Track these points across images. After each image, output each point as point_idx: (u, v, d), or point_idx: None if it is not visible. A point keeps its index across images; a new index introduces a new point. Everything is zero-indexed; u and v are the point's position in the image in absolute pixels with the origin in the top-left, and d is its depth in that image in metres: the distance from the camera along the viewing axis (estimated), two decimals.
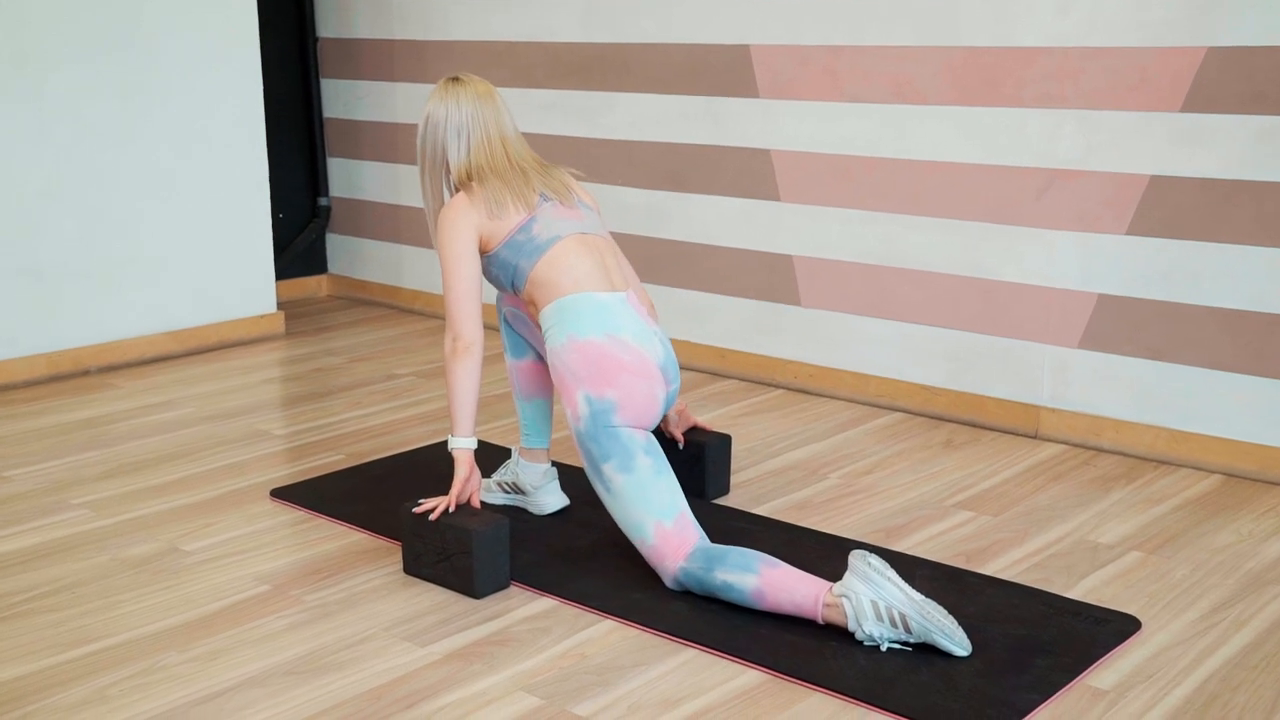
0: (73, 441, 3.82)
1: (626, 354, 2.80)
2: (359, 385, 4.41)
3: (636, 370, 2.80)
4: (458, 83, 3.00)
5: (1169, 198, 3.50)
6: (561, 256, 2.89)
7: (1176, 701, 2.36)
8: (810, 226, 4.21)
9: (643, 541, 2.75)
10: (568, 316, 2.84)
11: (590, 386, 2.77)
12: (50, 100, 4.38)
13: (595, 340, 2.81)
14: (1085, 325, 3.70)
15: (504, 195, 2.91)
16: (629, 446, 2.76)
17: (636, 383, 2.79)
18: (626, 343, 2.82)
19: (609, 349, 2.80)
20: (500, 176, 2.94)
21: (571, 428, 2.81)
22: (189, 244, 4.84)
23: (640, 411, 2.80)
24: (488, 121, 2.97)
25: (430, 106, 2.99)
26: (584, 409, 2.77)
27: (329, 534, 3.13)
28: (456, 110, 2.96)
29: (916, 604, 2.47)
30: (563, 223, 2.94)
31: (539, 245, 2.89)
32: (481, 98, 2.99)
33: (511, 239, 2.90)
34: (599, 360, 2.79)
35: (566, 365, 2.81)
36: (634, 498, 2.75)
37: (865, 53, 3.98)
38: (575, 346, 2.80)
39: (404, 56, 5.31)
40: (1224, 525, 3.18)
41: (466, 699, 2.37)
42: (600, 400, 2.76)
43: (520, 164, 2.98)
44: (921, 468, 3.58)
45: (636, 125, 4.59)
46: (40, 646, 2.58)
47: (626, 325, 2.85)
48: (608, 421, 2.76)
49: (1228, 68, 3.35)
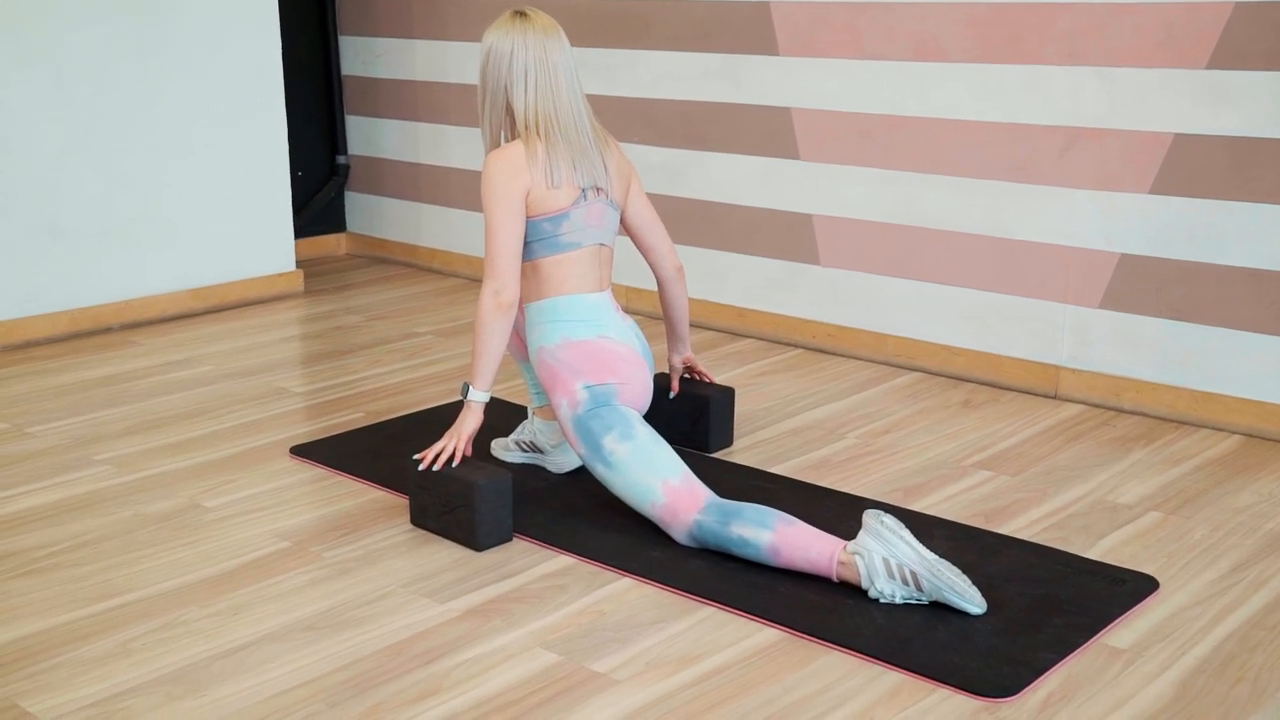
0: (94, 398, 3.84)
1: (620, 347, 2.92)
2: (378, 343, 4.41)
3: (630, 360, 2.91)
4: (525, 19, 2.90)
5: (1192, 156, 3.47)
6: (572, 261, 2.94)
7: (1194, 661, 2.36)
8: (830, 185, 4.19)
9: (654, 503, 2.76)
10: (562, 316, 2.92)
11: (591, 376, 2.86)
12: (69, 58, 4.38)
13: (588, 339, 2.90)
14: (1106, 285, 3.68)
15: (562, 166, 2.88)
16: (628, 416, 2.85)
17: (633, 370, 2.91)
18: (614, 339, 2.93)
19: (604, 345, 2.90)
20: (568, 142, 2.90)
21: (566, 418, 2.87)
22: (208, 202, 4.84)
23: (635, 396, 2.91)
24: (556, 66, 2.89)
25: (494, 39, 2.90)
26: (583, 395, 2.85)
27: (348, 491, 3.14)
28: (524, 48, 2.87)
29: (928, 563, 2.47)
30: (588, 230, 2.96)
31: (560, 244, 2.92)
32: (549, 35, 2.90)
33: (541, 222, 2.90)
34: (597, 355, 2.88)
35: (562, 362, 2.89)
36: (638, 463, 2.78)
37: (886, 9, 3.94)
38: (570, 345, 2.89)
39: (423, 13, 5.28)
40: (1244, 486, 3.17)
41: (485, 655, 2.39)
42: (601, 386, 2.86)
43: (584, 129, 2.93)
44: (940, 427, 3.58)
45: (656, 83, 4.57)
46: (64, 601, 2.60)
47: (612, 325, 2.95)
48: (608, 401, 2.86)
49: (1256, 23, 3.31)
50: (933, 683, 2.28)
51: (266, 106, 4.96)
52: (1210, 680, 2.30)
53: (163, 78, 4.63)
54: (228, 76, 4.81)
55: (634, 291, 4.71)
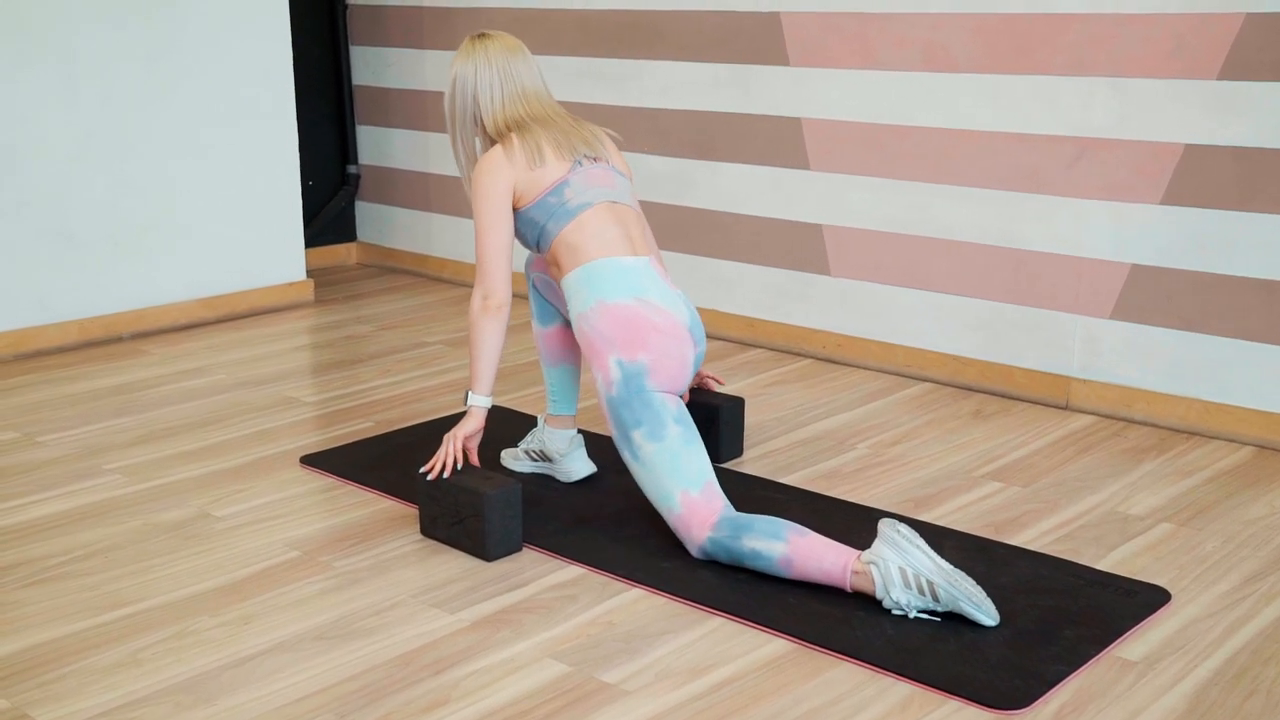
0: (105, 407, 3.85)
1: (657, 316, 2.80)
2: (388, 353, 4.42)
3: (667, 331, 2.79)
4: (484, 38, 2.97)
5: (1203, 167, 3.47)
6: (589, 223, 2.87)
7: (1206, 674, 2.35)
8: (840, 195, 4.19)
9: (669, 510, 2.75)
10: (595, 281, 2.83)
11: (622, 350, 2.76)
12: (79, 68, 4.39)
13: (624, 303, 2.79)
14: (1117, 295, 3.67)
15: (544, 145, 2.88)
16: (660, 413, 2.75)
17: (668, 344, 2.78)
18: (655, 304, 2.81)
19: (639, 311, 2.79)
20: (541, 124, 2.91)
21: (601, 395, 2.79)
22: (219, 211, 4.85)
23: (671, 374, 2.78)
24: (520, 74, 2.94)
25: (457, 67, 2.96)
26: (615, 373, 2.76)
27: (358, 500, 3.14)
28: (486, 65, 2.93)
29: (945, 572, 2.46)
30: (595, 190, 2.91)
31: (569, 210, 2.87)
32: (511, 51, 2.96)
33: (543, 199, 2.88)
34: (630, 322, 2.77)
35: (596, 330, 2.79)
36: (662, 466, 2.74)
37: (896, 20, 3.94)
38: (605, 310, 2.79)
39: (433, 23, 5.29)
40: (1256, 498, 3.15)
41: (494, 665, 2.38)
42: (632, 364, 2.75)
43: (560, 117, 2.96)
44: (950, 438, 3.57)
45: (666, 93, 4.57)
46: (74, 610, 2.60)
47: (652, 289, 2.84)
48: (640, 386, 2.75)
49: (1267, 34, 3.31)
50: (944, 694, 2.28)
51: (277, 116, 4.97)
52: (1223, 693, 2.29)
53: (173, 86, 4.65)
54: (239, 85, 4.83)
55: None
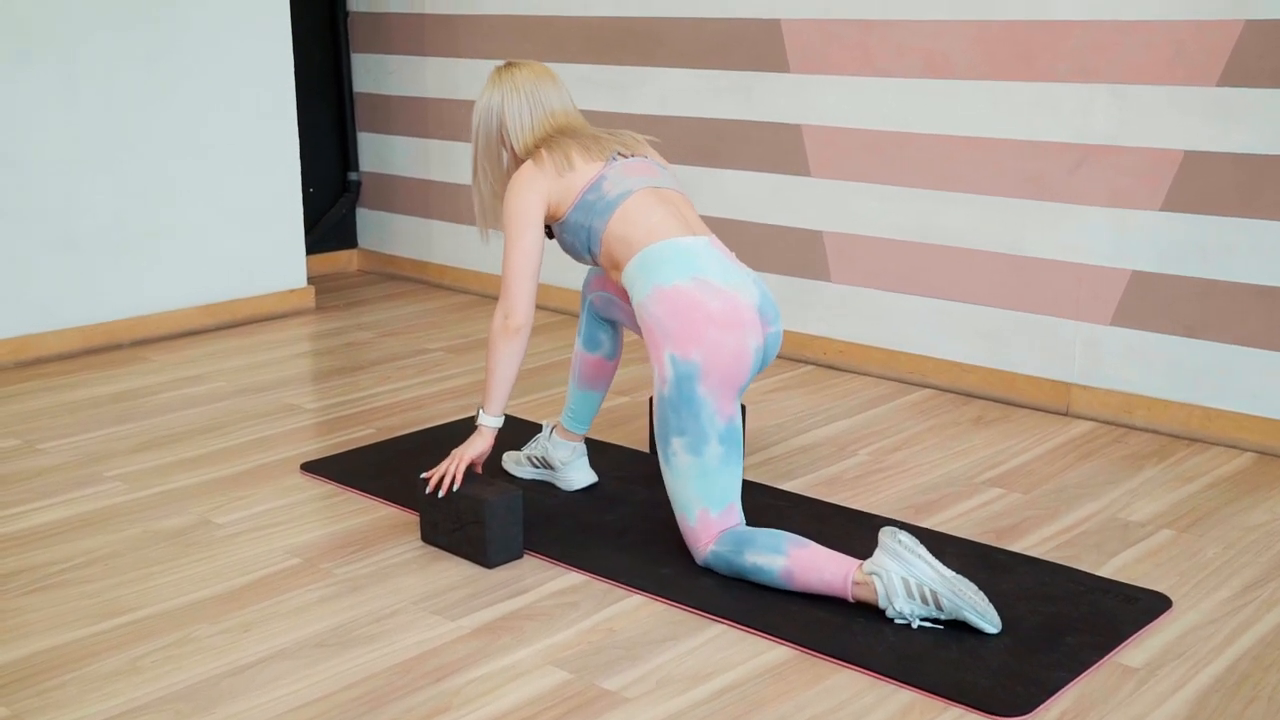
0: (105, 415, 3.85)
1: (715, 300, 2.66)
2: (389, 360, 4.42)
3: (725, 321, 2.65)
4: (511, 67, 2.93)
5: (1204, 173, 3.47)
6: (634, 210, 2.79)
7: (1207, 680, 2.35)
8: (841, 202, 4.19)
9: (684, 520, 2.73)
10: (650, 265, 2.72)
11: (675, 345, 2.64)
12: (81, 72, 4.40)
13: (681, 286, 2.67)
14: (1118, 301, 3.67)
15: (570, 151, 2.83)
16: (705, 428, 2.64)
17: (724, 337, 2.64)
18: (714, 285, 2.68)
19: (695, 296, 2.66)
20: (569, 135, 2.87)
21: (655, 388, 2.70)
22: (220, 218, 4.86)
23: (726, 371, 2.65)
24: (549, 98, 2.90)
25: (484, 96, 2.91)
26: (669, 370, 2.65)
27: (359, 508, 3.14)
28: (514, 92, 2.88)
29: (948, 581, 2.46)
30: (634, 179, 2.84)
31: (610, 202, 2.80)
32: (539, 77, 2.92)
33: (581, 199, 2.81)
34: (686, 311, 2.65)
35: (654, 317, 2.68)
36: (692, 480, 2.68)
37: (897, 27, 3.95)
38: (661, 295, 2.68)
39: (434, 31, 5.30)
40: (1257, 504, 3.15)
41: (495, 672, 2.38)
42: (685, 362, 2.63)
43: (586, 129, 2.92)
44: (951, 444, 3.57)
45: (668, 100, 4.57)
46: (74, 617, 2.60)
47: (712, 267, 2.71)
48: (691, 390, 2.63)
49: (1266, 42, 3.31)
50: (945, 701, 2.27)
51: (279, 122, 4.97)
52: (1224, 699, 2.28)
53: (174, 92, 4.65)
54: (240, 91, 4.83)
55: None
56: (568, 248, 2.91)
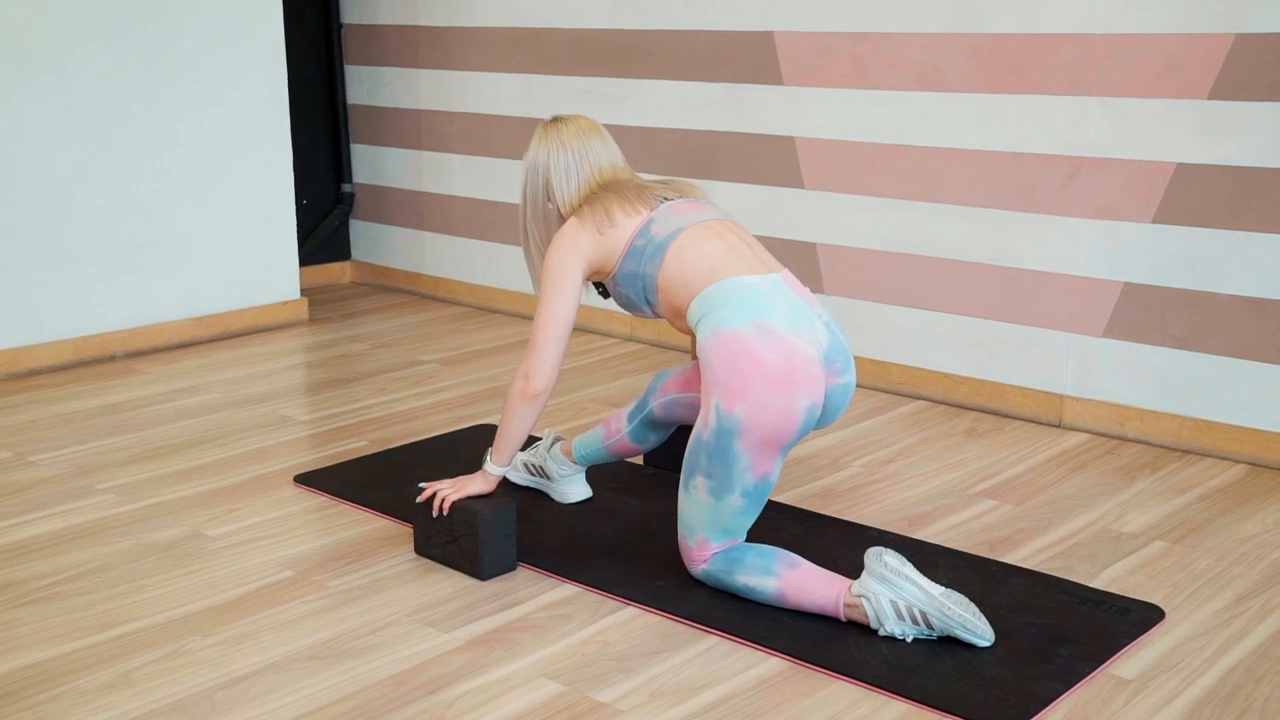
0: (98, 426, 3.84)
1: (771, 351, 2.52)
2: (382, 371, 4.42)
3: (777, 377, 2.51)
4: (558, 122, 2.84)
5: (1195, 186, 3.48)
6: (688, 248, 2.67)
7: (1200, 692, 2.35)
8: (834, 214, 4.20)
9: (684, 538, 2.71)
10: (712, 305, 2.60)
11: (722, 395, 2.53)
12: (76, 86, 4.40)
13: (739, 331, 2.54)
14: (1110, 314, 3.68)
15: (611, 206, 2.72)
16: (732, 480, 2.57)
17: (772, 395, 2.51)
18: (775, 333, 2.54)
19: (751, 344, 2.53)
20: (612, 190, 2.77)
21: (697, 424, 2.60)
22: (213, 230, 4.85)
23: (768, 431, 2.53)
24: (596, 154, 2.82)
25: (530, 154, 2.83)
26: (712, 419, 2.55)
27: (352, 520, 3.14)
28: (560, 149, 2.80)
29: (936, 600, 2.45)
30: (683, 216, 2.73)
31: (660, 244, 2.69)
32: (585, 132, 2.83)
33: (630, 248, 2.71)
34: (738, 360, 2.52)
35: (708, 361, 2.56)
36: (703, 514, 2.64)
37: (890, 40, 3.96)
38: (719, 340, 2.55)
39: (428, 43, 5.31)
40: (1249, 515, 3.16)
41: (489, 685, 2.38)
42: (728, 416, 2.52)
43: (632, 183, 2.81)
44: (944, 456, 3.57)
45: (660, 112, 4.58)
46: (66, 630, 2.60)
47: (779, 310, 2.58)
48: (728, 444, 2.54)
49: (1257, 55, 3.33)
50: (938, 713, 2.27)
51: (272, 135, 4.98)
52: (1216, 711, 2.29)
53: (168, 106, 4.65)
54: (234, 105, 4.84)
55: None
56: (625, 302, 2.80)
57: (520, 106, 5.01)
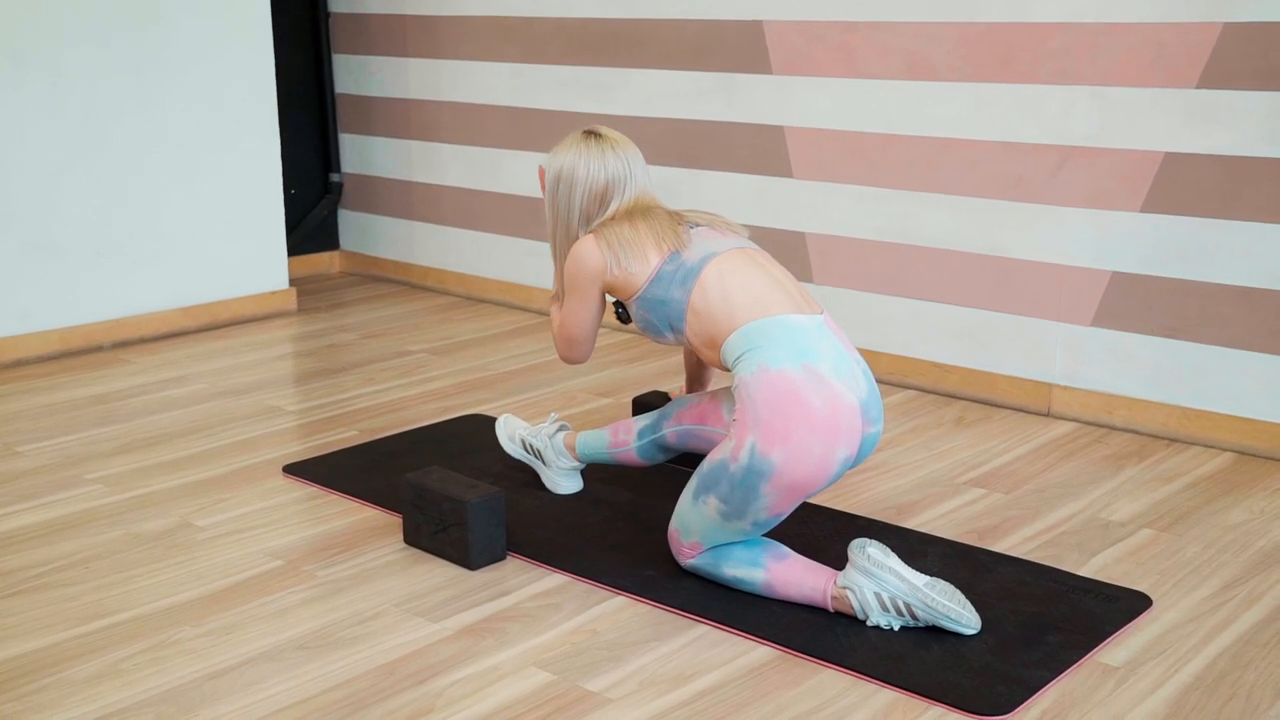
0: (86, 417, 3.83)
1: (818, 397, 2.45)
2: (371, 361, 4.41)
3: (820, 425, 2.45)
4: (592, 135, 2.78)
5: (1184, 175, 3.49)
6: (729, 274, 2.60)
7: (1187, 678, 2.36)
8: (823, 203, 4.20)
9: (676, 532, 2.69)
10: (760, 342, 2.51)
11: (761, 436, 2.45)
12: (64, 77, 4.38)
13: (789, 373, 2.46)
14: (1098, 303, 3.69)
15: (643, 233, 2.67)
16: (746, 513, 2.53)
17: (813, 443, 2.44)
18: (823, 378, 2.48)
19: (799, 388, 2.45)
20: (641, 216, 2.71)
21: (726, 450, 2.52)
22: (201, 220, 4.84)
23: (800, 480, 2.47)
24: (635, 177, 2.76)
25: (562, 159, 2.77)
26: (744, 456, 2.47)
27: (341, 509, 3.14)
28: (601, 169, 2.74)
29: (920, 591, 2.46)
30: (716, 241, 2.67)
31: (692, 269, 2.61)
32: (622, 158, 2.76)
33: (660, 272, 2.65)
34: (784, 403, 2.45)
35: (751, 398, 2.48)
36: (705, 524, 2.61)
37: (879, 28, 3.96)
38: (766, 379, 2.47)
39: (416, 32, 5.29)
40: (1236, 503, 3.17)
41: (478, 674, 2.38)
42: (763, 459, 2.45)
43: (658, 209, 2.76)
44: (933, 445, 3.58)
45: (650, 101, 4.58)
46: (54, 621, 2.59)
47: (826, 354, 2.51)
48: (755, 485, 2.48)
49: (1245, 44, 3.33)
50: (927, 701, 2.28)
51: (260, 124, 4.96)
52: (1203, 697, 2.30)
53: (156, 95, 4.64)
54: (221, 94, 4.82)
55: None
56: (645, 325, 2.73)
57: (510, 96, 5.00)
